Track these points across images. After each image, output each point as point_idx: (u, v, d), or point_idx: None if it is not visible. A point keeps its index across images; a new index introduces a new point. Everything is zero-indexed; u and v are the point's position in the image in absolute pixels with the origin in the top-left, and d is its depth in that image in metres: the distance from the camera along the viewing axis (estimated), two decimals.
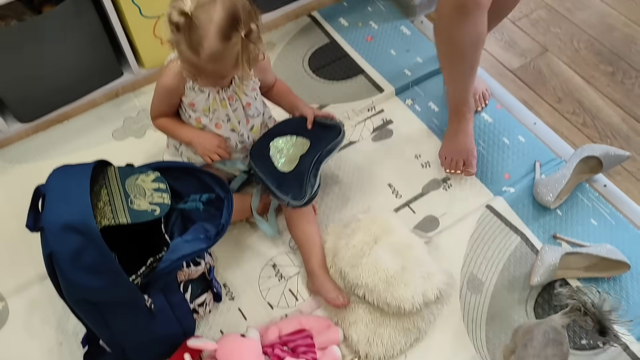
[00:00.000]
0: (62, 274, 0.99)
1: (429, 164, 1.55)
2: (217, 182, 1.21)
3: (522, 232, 1.42)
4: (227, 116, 1.30)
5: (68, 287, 1.01)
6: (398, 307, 1.21)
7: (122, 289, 1.02)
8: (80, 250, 0.96)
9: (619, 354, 1.23)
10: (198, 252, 1.10)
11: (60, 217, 0.97)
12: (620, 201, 1.46)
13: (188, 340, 1.17)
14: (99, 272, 0.98)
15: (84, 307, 1.07)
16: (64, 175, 1.04)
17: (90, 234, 0.96)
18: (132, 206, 1.08)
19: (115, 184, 1.11)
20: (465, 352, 1.25)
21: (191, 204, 1.16)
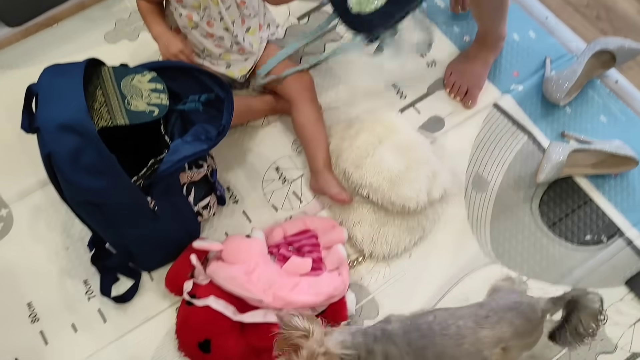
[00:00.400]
0: (62, 175, 0.97)
1: (435, 63, 1.50)
2: (217, 82, 1.17)
3: (530, 130, 1.38)
4: (220, 14, 1.23)
5: (69, 189, 1.00)
6: (402, 206, 1.21)
7: (124, 190, 1.00)
8: (79, 150, 0.94)
9: (623, 248, 1.23)
10: (199, 153, 1.08)
11: (55, 117, 0.94)
12: (632, 97, 1.42)
13: (194, 242, 1.18)
14: (99, 172, 0.96)
15: (87, 210, 1.06)
16: (56, 73, 1.00)
17: (87, 134, 0.93)
18: (129, 107, 1.05)
19: (110, 85, 1.07)
20: (469, 249, 1.26)
21: (190, 104, 1.13)
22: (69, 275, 1.27)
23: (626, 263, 1.22)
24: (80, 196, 1.01)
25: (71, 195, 1.02)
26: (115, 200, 1.03)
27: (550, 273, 1.22)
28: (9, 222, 1.34)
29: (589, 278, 1.21)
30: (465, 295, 1.20)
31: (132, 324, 1.21)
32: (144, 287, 1.24)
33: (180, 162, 1.05)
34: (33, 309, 1.24)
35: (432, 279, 1.23)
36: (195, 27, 1.25)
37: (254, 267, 1.12)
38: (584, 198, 1.29)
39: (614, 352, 1.14)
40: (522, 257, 1.24)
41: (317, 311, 1.13)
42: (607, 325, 1.16)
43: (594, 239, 1.25)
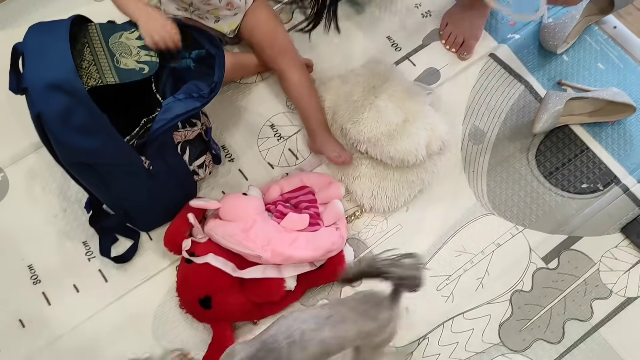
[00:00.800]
0: (53, 136, 0.96)
1: (430, 13, 1.47)
2: (207, 38, 1.14)
3: (526, 80, 1.37)
4: None
5: (62, 150, 0.99)
6: (401, 160, 1.20)
7: (117, 149, 0.99)
8: (69, 110, 0.92)
9: (619, 196, 1.24)
10: (192, 111, 1.06)
11: (43, 77, 0.92)
12: (630, 43, 1.39)
13: (191, 201, 1.18)
14: (91, 132, 0.95)
15: (81, 170, 1.05)
16: (41, 31, 0.97)
17: (76, 94, 0.92)
18: (119, 65, 1.02)
19: (98, 42, 1.04)
20: (466, 201, 1.26)
21: (182, 61, 1.10)
22: (67, 237, 1.27)
23: (622, 210, 1.22)
24: (73, 157, 1.00)
25: (64, 157, 1.01)
26: (109, 160, 1.02)
27: (546, 222, 1.22)
28: (4, 186, 1.34)
29: (585, 226, 1.21)
30: (462, 247, 1.21)
31: (133, 283, 1.22)
32: (143, 246, 1.25)
33: (173, 121, 1.03)
34: (34, 271, 1.25)
35: (429, 231, 1.24)
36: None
37: (252, 224, 1.12)
38: (581, 147, 1.29)
39: (608, 297, 1.16)
40: (519, 207, 1.24)
41: (316, 266, 1.14)
42: (603, 272, 1.17)
43: (591, 187, 1.25)
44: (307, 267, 1.14)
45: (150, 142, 1.04)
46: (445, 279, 1.19)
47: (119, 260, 1.22)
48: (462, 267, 1.20)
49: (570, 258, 1.19)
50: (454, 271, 1.20)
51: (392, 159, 1.21)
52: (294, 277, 1.14)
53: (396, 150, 1.20)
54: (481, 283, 1.18)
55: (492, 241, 1.22)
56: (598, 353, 1.12)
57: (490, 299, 1.17)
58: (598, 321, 1.14)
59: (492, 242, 1.22)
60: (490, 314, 1.16)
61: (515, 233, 1.22)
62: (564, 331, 1.14)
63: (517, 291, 1.17)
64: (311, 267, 1.14)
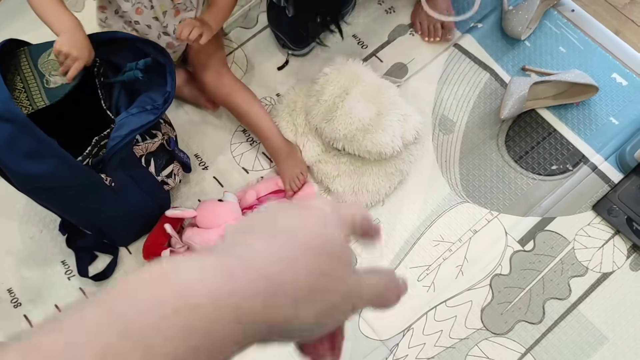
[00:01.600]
0: (4, 165, 0.94)
1: (394, 9, 1.48)
2: (154, 47, 1.10)
3: (492, 67, 1.39)
4: (150, 2, 1.15)
5: (16, 178, 0.97)
6: (379, 153, 1.21)
7: (71, 171, 0.97)
8: (13, 138, 0.90)
9: (588, 174, 1.26)
10: (147, 125, 1.03)
11: None
12: (588, 25, 1.42)
13: (167, 211, 1.18)
14: (40, 156, 0.93)
15: (41, 195, 1.04)
16: None
17: (17, 120, 0.90)
18: (48, 85, 1.00)
19: (27, 67, 1.01)
20: (440, 191, 1.27)
21: (129, 73, 1.06)
22: (45, 257, 1.27)
23: (592, 188, 1.25)
24: (28, 184, 0.99)
25: (20, 185, 0.99)
26: (66, 182, 1.00)
27: (519, 206, 1.25)
28: None
29: (557, 207, 1.24)
30: (440, 236, 1.23)
31: None
32: (123, 261, 1.25)
33: (129, 136, 1.01)
34: (14, 294, 1.24)
35: (406, 223, 1.25)
36: (122, 16, 1.18)
37: None
38: (548, 129, 1.31)
39: (585, 275, 1.18)
40: (492, 193, 1.26)
41: None
42: (577, 250, 1.19)
43: (560, 169, 1.28)
44: None
45: (108, 159, 1.02)
46: (425, 269, 1.21)
47: (99, 278, 1.21)
48: (441, 256, 1.22)
49: (545, 239, 1.21)
50: (433, 261, 1.21)
51: (369, 153, 1.22)
52: None
53: (373, 143, 1.21)
54: (461, 270, 1.20)
55: (468, 228, 1.23)
56: (578, 330, 1.14)
57: (470, 286, 1.18)
58: (576, 298, 1.16)
59: (468, 230, 1.23)
60: (472, 300, 1.17)
61: (491, 219, 1.24)
62: (544, 311, 1.16)
63: (496, 275, 1.19)
64: None
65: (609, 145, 1.28)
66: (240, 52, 1.46)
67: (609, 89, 1.34)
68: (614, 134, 1.30)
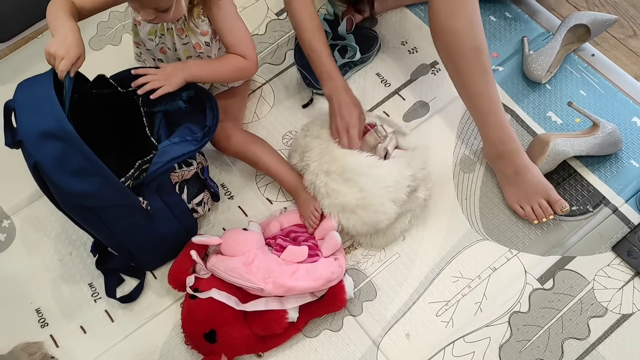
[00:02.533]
0: (51, 182, 0.99)
1: (416, 49, 1.53)
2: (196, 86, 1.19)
3: (512, 109, 1.42)
4: (174, 45, 1.23)
5: (60, 196, 1.02)
6: (375, 228, 1.23)
7: (114, 191, 1.03)
8: (63, 155, 0.96)
9: (608, 216, 1.27)
10: (188, 154, 1.10)
11: (35, 127, 0.96)
12: (609, 69, 1.45)
13: (193, 238, 1.21)
14: (87, 175, 0.98)
15: (81, 214, 1.09)
16: (28, 86, 1.02)
17: (69, 138, 0.95)
18: None
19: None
20: (460, 228, 1.29)
21: (172, 103, 1.14)
22: (73, 279, 1.30)
23: (612, 229, 1.26)
24: (72, 202, 1.04)
25: (63, 202, 1.04)
26: (107, 202, 1.05)
27: (539, 245, 1.26)
28: (11, 233, 1.37)
29: (577, 246, 1.25)
30: (459, 272, 1.24)
31: (139, 322, 1.24)
32: (148, 285, 1.28)
33: (169, 163, 1.07)
34: (42, 314, 1.27)
35: (426, 258, 1.27)
36: (148, 51, 1.25)
37: (253, 258, 1.16)
38: (569, 170, 1.33)
39: (604, 315, 1.18)
40: (512, 231, 1.28)
41: (317, 296, 1.17)
42: (597, 290, 1.20)
43: (581, 209, 1.29)
44: (308, 297, 1.17)
45: (147, 183, 1.07)
46: (444, 305, 1.22)
47: (126, 300, 1.25)
48: (460, 292, 1.23)
49: (564, 278, 1.22)
50: (452, 296, 1.22)
51: (367, 226, 1.23)
52: (296, 308, 1.16)
53: (368, 217, 1.21)
54: (479, 307, 1.21)
55: (487, 265, 1.25)
56: None
57: (489, 322, 1.19)
58: (595, 339, 1.16)
59: (488, 267, 1.25)
60: (490, 337, 1.18)
61: (510, 257, 1.25)
62: (562, 350, 1.16)
63: (515, 312, 1.19)
64: (312, 297, 1.17)
65: (630, 188, 1.30)
66: (267, 88, 1.51)
67: (629, 133, 1.36)
68: (635, 176, 1.31)
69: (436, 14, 1.17)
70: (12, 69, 1.60)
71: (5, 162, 1.45)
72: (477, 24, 1.17)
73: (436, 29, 1.19)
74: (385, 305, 1.22)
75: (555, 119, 1.40)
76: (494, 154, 1.28)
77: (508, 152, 1.25)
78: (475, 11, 1.17)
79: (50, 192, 1.04)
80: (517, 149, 1.24)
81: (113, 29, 1.63)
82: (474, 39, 1.17)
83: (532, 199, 1.26)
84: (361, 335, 1.20)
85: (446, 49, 1.20)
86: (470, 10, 1.16)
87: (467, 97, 1.24)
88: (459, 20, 1.15)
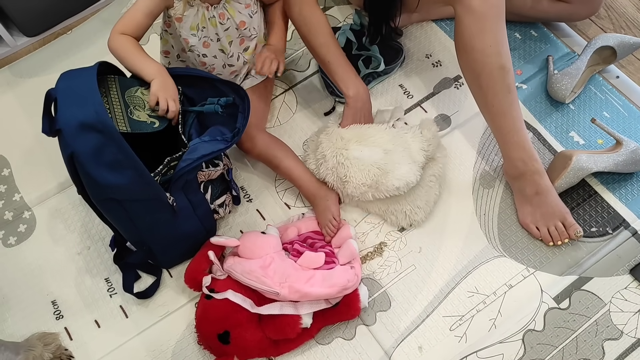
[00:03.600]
0: (85, 173, 1.01)
1: (440, 62, 1.54)
2: (233, 89, 1.20)
3: (535, 127, 1.42)
4: (217, 35, 1.25)
5: (93, 187, 1.04)
6: (407, 184, 1.24)
7: (145, 185, 1.05)
8: (101, 147, 0.98)
9: (628, 238, 1.27)
10: (217, 152, 1.12)
11: (75, 118, 0.98)
12: (633, 92, 1.45)
13: (211, 238, 1.22)
14: (122, 167, 1.00)
15: (109, 207, 1.10)
16: (71, 77, 1.05)
17: (108, 131, 0.98)
18: (132, 116, 1.09)
19: (115, 94, 1.11)
20: (477, 243, 1.29)
21: (209, 106, 1.16)
22: (90, 273, 1.32)
23: (631, 252, 1.25)
24: (103, 193, 1.06)
25: (95, 193, 1.06)
26: (136, 195, 1.07)
27: (557, 265, 1.25)
28: (32, 224, 1.39)
29: (595, 267, 1.24)
30: (475, 288, 1.24)
31: (153, 319, 1.25)
32: (164, 283, 1.29)
33: (199, 160, 1.09)
34: (57, 306, 1.28)
35: (442, 272, 1.27)
36: (191, 50, 1.27)
37: (270, 262, 1.16)
38: (589, 191, 1.33)
39: (619, 338, 1.17)
40: (530, 249, 1.27)
41: (332, 304, 1.17)
42: (613, 313, 1.19)
43: (600, 231, 1.28)
44: (323, 304, 1.17)
45: (175, 179, 1.09)
46: (458, 319, 1.21)
47: (142, 296, 1.26)
48: (475, 307, 1.22)
49: (581, 298, 1.21)
50: (467, 311, 1.22)
51: (398, 189, 1.24)
52: (310, 314, 1.16)
53: (398, 179, 1.23)
54: (494, 324, 1.20)
55: (504, 282, 1.24)
56: None
57: (502, 339, 1.18)
58: None
59: (504, 284, 1.24)
60: (503, 353, 1.17)
61: (527, 275, 1.25)
62: None
63: (529, 330, 1.19)
64: (327, 304, 1.17)
65: None
66: (291, 93, 1.52)
67: None
68: None
69: (463, 30, 1.18)
70: (41, 63, 1.63)
71: (29, 154, 1.48)
72: (503, 43, 1.17)
73: (462, 45, 1.20)
74: (399, 317, 1.22)
75: (578, 139, 1.39)
76: (515, 174, 1.27)
77: (530, 172, 1.24)
78: (502, 30, 1.17)
79: (81, 182, 1.06)
80: (539, 169, 1.24)
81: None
82: (500, 58, 1.17)
83: (549, 221, 1.26)
84: (373, 345, 1.20)
85: (471, 67, 1.21)
86: (497, 28, 1.16)
87: (490, 115, 1.24)
88: (486, 38, 1.16)
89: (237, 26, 1.25)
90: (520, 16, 1.49)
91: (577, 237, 1.25)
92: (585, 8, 1.46)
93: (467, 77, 1.24)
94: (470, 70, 1.21)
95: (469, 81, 1.24)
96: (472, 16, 1.15)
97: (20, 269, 1.34)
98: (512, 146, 1.24)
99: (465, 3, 1.14)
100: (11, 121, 1.54)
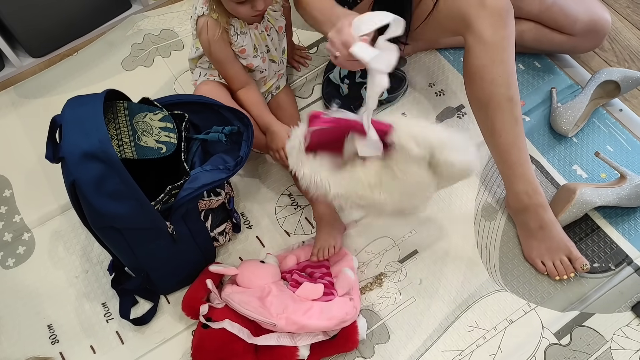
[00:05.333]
0: (86, 202, 1.01)
1: (443, 92, 1.54)
2: (237, 117, 1.21)
3: (538, 160, 1.41)
4: (267, 47, 1.32)
5: (93, 215, 1.04)
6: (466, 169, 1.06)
7: (146, 215, 1.04)
8: (103, 177, 0.98)
9: (630, 275, 1.25)
10: (218, 182, 1.12)
11: (79, 146, 0.98)
12: (636, 126, 1.45)
13: (210, 266, 1.21)
14: (123, 198, 1.00)
15: (109, 235, 1.10)
16: (78, 105, 1.05)
17: (110, 161, 0.97)
18: (139, 142, 1.09)
19: (123, 119, 1.11)
20: (479, 276, 1.28)
21: (213, 135, 1.16)
22: (87, 298, 1.31)
23: (633, 289, 1.24)
24: (103, 222, 1.05)
25: (94, 221, 1.06)
26: (137, 225, 1.06)
27: (558, 300, 1.24)
28: (30, 246, 1.38)
29: (596, 303, 1.22)
30: (475, 322, 1.22)
31: (149, 346, 1.24)
32: (161, 309, 1.28)
33: (200, 190, 1.09)
34: (53, 330, 1.27)
35: (441, 305, 1.25)
36: (253, 73, 1.34)
37: (268, 292, 1.15)
38: (592, 226, 1.32)
39: None
40: (531, 284, 1.26)
41: (329, 335, 1.16)
42: (614, 350, 1.17)
43: (602, 267, 1.27)
44: (320, 336, 1.16)
45: (176, 208, 1.09)
46: (457, 354, 1.20)
47: (138, 322, 1.24)
48: (475, 342, 1.21)
49: (582, 335, 1.19)
50: (466, 346, 1.20)
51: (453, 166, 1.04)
52: (307, 345, 1.15)
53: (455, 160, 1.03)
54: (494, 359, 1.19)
55: (504, 317, 1.23)
56: None
57: None
58: None
59: (504, 319, 1.23)
60: None
61: (528, 310, 1.23)
62: None
63: None
64: (324, 336, 1.16)
65: None
66: None
67: None
68: None
69: (473, 60, 1.18)
70: (46, 84, 1.63)
71: (31, 175, 1.48)
72: (512, 74, 1.17)
73: (471, 75, 1.19)
74: (398, 350, 1.21)
75: (581, 173, 1.39)
76: (519, 207, 1.26)
77: (534, 205, 1.23)
78: (512, 61, 1.17)
79: (82, 210, 1.05)
80: (543, 203, 1.23)
81: (146, 51, 1.66)
82: (509, 89, 1.17)
83: (555, 255, 1.24)
84: None
85: (479, 97, 1.20)
86: (508, 59, 1.16)
87: (496, 146, 1.23)
88: (496, 69, 1.15)
89: (277, 31, 1.32)
90: (524, 47, 1.50)
91: (583, 270, 1.23)
92: (588, 41, 1.46)
93: (474, 106, 1.23)
94: (478, 100, 1.21)
95: (476, 111, 1.24)
96: (483, 46, 1.15)
97: (17, 292, 1.33)
98: (517, 178, 1.24)
99: (477, 33, 1.14)
100: (14, 142, 1.54)
